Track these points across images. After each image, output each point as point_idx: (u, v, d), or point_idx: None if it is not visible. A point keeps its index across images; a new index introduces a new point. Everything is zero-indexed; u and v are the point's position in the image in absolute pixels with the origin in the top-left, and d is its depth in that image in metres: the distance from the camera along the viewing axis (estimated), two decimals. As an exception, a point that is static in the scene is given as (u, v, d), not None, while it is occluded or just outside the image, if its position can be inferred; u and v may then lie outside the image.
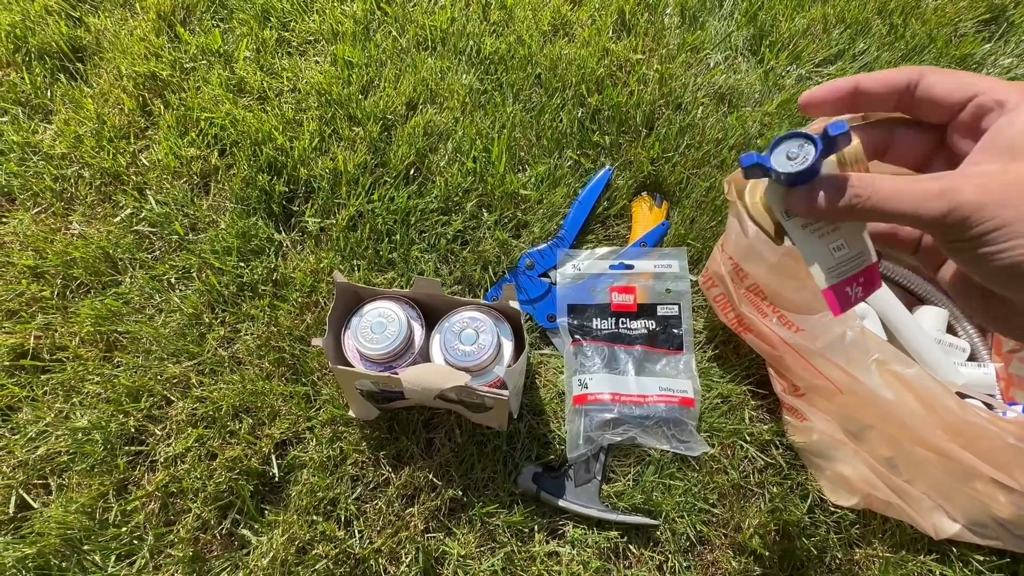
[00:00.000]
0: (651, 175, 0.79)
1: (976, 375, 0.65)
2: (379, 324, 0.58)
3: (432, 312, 0.62)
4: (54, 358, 0.69)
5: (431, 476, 0.64)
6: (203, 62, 0.86)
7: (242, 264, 0.73)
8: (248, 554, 0.61)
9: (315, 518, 0.62)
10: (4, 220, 0.76)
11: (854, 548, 0.63)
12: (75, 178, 0.78)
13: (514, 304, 0.58)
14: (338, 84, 0.83)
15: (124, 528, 0.61)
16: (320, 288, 0.72)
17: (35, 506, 0.62)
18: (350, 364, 0.59)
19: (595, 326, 0.72)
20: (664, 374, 0.70)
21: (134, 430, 0.65)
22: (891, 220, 0.28)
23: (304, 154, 0.78)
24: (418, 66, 0.85)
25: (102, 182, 0.78)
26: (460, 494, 0.63)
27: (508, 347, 0.60)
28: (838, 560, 0.62)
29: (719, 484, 0.65)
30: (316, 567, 0.60)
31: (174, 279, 0.73)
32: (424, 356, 0.60)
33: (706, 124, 0.82)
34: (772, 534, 0.62)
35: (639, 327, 0.72)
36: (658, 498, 0.64)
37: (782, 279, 0.57)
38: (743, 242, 0.58)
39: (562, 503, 0.63)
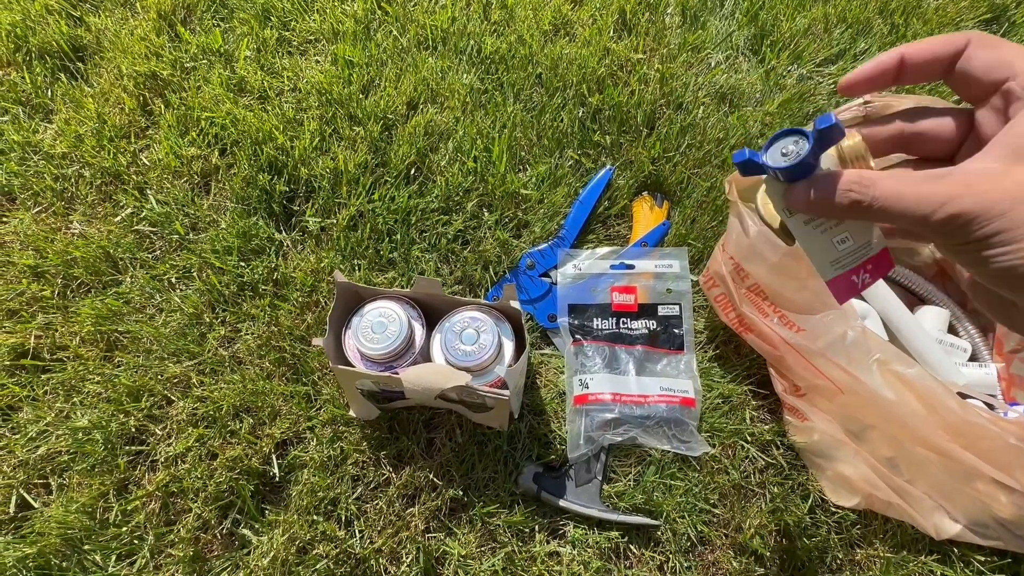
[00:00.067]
0: (652, 175, 0.79)
1: (977, 375, 0.65)
2: (380, 324, 0.58)
3: (433, 312, 0.62)
4: (54, 358, 0.69)
5: (432, 476, 0.64)
6: (203, 61, 0.86)
7: (243, 264, 0.73)
8: (248, 554, 0.61)
9: (316, 518, 0.62)
10: (4, 219, 0.76)
11: (855, 548, 0.63)
12: (76, 177, 0.78)
13: (515, 304, 0.58)
14: (339, 83, 0.83)
15: (124, 528, 0.61)
16: (321, 288, 0.72)
17: (35, 506, 0.62)
18: (351, 364, 0.59)
19: (596, 326, 0.72)
20: (665, 374, 0.70)
21: (135, 430, 0.65)
22: (890, 221, 0.27)
23: (305, 154, 0.78)
24: (419, 65, 0.85)
25: (103, 182, 0.78)
26: (461, 494, 0.63)
27: (509, 347, 0.60)
28: (839, 560, 0.62)
29: (720, 484, 0.64)
30: (317, 567, 0.60)
31: (175, 279, 0.73)
32: (425, 356, 0.60)
33: (707, 124, 0.82)
34: (773, 534, 0.62)
35: (640, 327, 0.72)
36: (659, 498, 0.64)
37: (783, 279, 0.57)
38: (744, 242, 0.58)
39: (563, 503, 0.63)
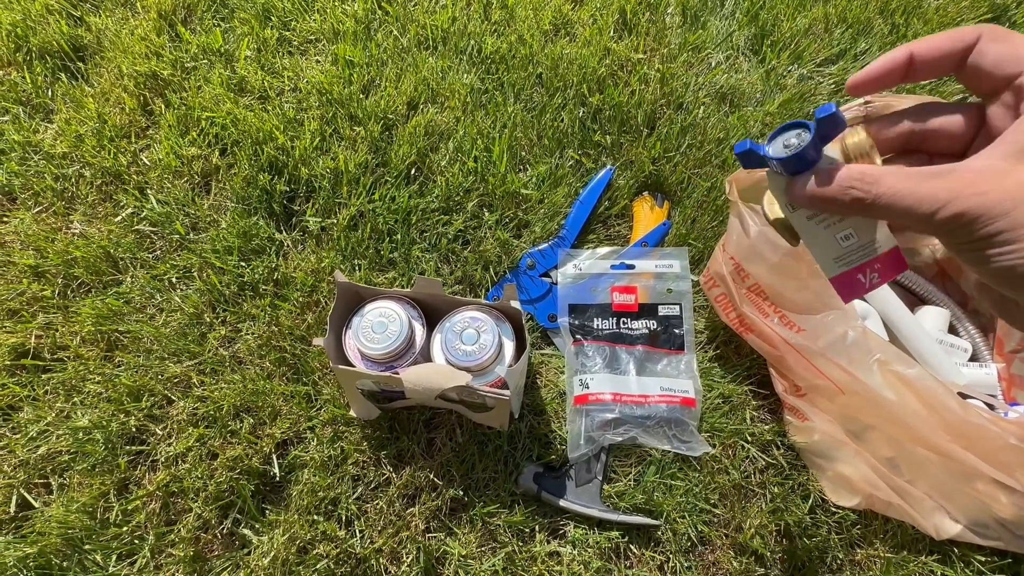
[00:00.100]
0: (652, 175, 0.79)
1: (978, 375, 0.65)
2: (380, 324, 0.58)
3: (433, 312, 0.62)
4: (55, 357, 0.69)
5: (432, 476, 0.64)
6: (204, 61, 0.86)
7: (243, 264, 0.73)
8: (249, 554, 0.61)
9: (316, 518, 0.62)
10: (5, 219, 0.76)
11: (855, 548, 0.63)
12: (76, 177, 0.78)
13: (515, 304, 0.58)
14: (339, 83, 0.83)
15: (125, 528, 0.61)
16: (321, 288, 0.72)
17: (36, 505, 0.62)
18: (351, 364, 0.59)
19: (596, 326, 0.72)
20: (665, 374, 0.70)
21: (135, 429, 0.65)
22: (893, 218, 0.27)
23: (305, 153, 0.78)
24: (419, 65, 0.85)
25: (103, 181, 0.78)
26: (461, 494, 0.63)
27: (509, 347, 0.60)
28: (839, 560, 0.62)
29: (720, 484, 0.64)
30: (317, 567, 0.60)
31: (175, 278, 0.73)
32: (425, 356, 0.60)
33: (707, 124, 0.82)
34: (773, 534, 0.62)
35: (640, 327, 0.72)
36: (659, 498, 0.64)
37: (783, 279, 0.57)
38: (745, 242, 0.58)
39: (563, 503, 0.63)
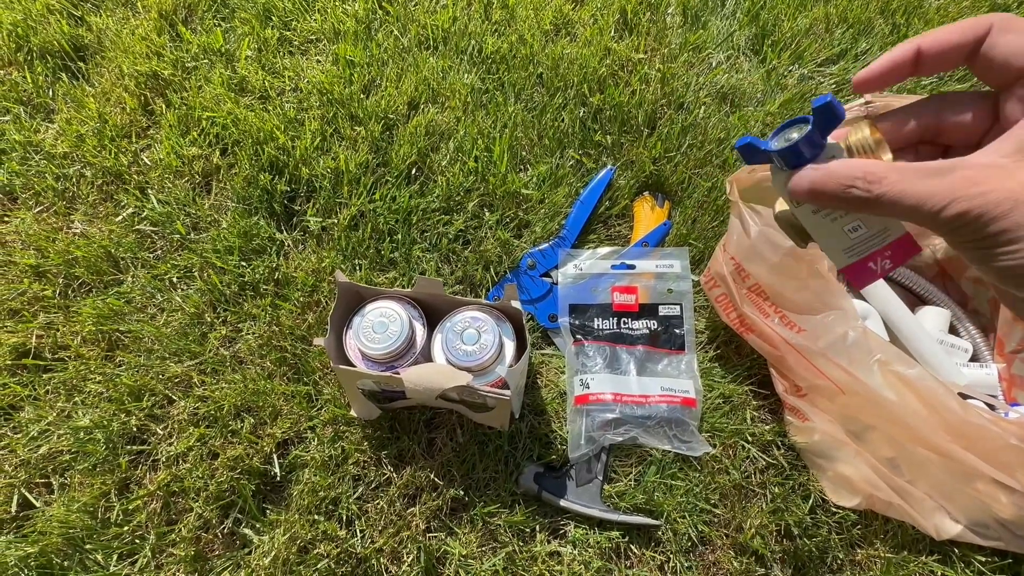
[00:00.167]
0: (653, 175, 0.79)
1: (978, 376, 0.65)
2: (381, 324, 0.58)
3: (434, 312, 0.62)
4: (56, 357, 0.69)
5: (432, 476, 0.64)
6: (205, 61, 0.86)
7: (244, 263, 0.73)
8: (250, 553, 0.61)
9: (317, 517, 0.62)
10: (6, 219, 0.76)
11: (856, 548, 0.63)
12: (77, 177, 0.78)
13: (516, 304, 0.58)
14: (340, 83, 0.83)
15: (126, 527, 0.61)
16: (322, 288, 0.72)
17: (37, 505, 0.62)
18: (352, 364, 0.59)
19: (597, 326, 0.72)
20: (666, 374, 0.70)
21: (136, 429, 0.65)
22: (896, 216, 0.27)
23: (306, 153, 0.78)
24: (420, 65, 0.85)
25: (104, 181, 0.78)
26: (462, 494, 0.63)
27: (510, 347, 0.60)
28: (839, 560, 0.62)
29: (721, 484, 0.64)
30: (318, 566, 0.60)
31: (176, 278, 0.73)
32: (426, 356, 0.60)
33: (708, 124, 0.82)
34: (774, 534, 0.62)
35: (641, 327, 0.72)
36: (660, 498, 0.64)
37: (784, 279, 0.57)
38: (745, 242, 0.58)
39: (563, 503, 0.63)
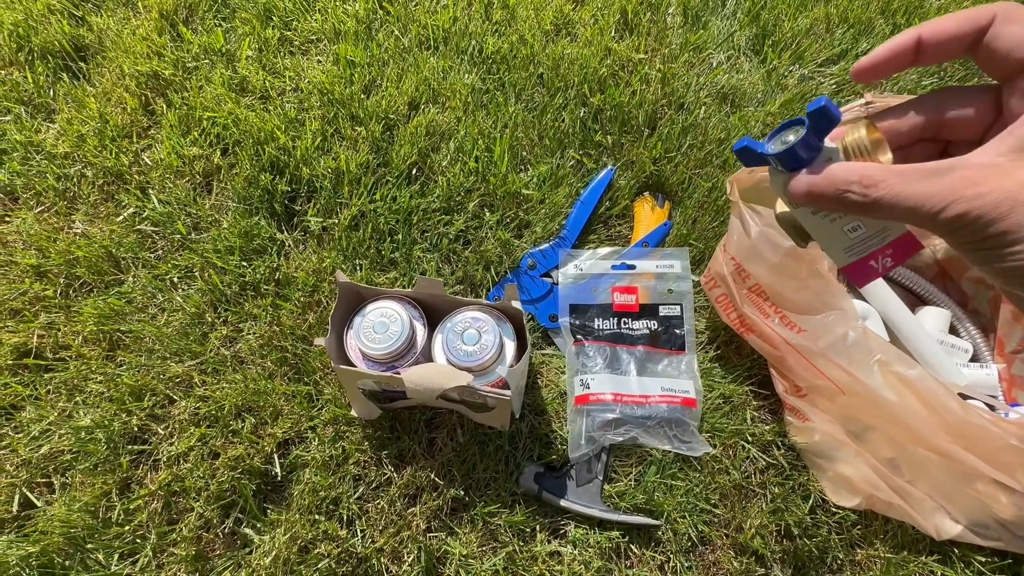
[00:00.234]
0: (653, 175, 0.79)
1: (978, 376, 0.65)
2: (381, 324, 0.58)
3: (434, 312, 0.62)
4: (57, 357, 0.69)
5: (433, 476, 0.64)
6: (205, 61, 0.86)
7: (244, 263, 0.73)
8: (250, 553, 0.61)
9: (317, 517, 0.62)
10: (7, 219, 0.76)
11: (856, 549, 0.63)
12: (78, 177, 0.78)
13: (516, 304, 0.58)
14: (340, 83, 0.83)
15: (127, 527, 0.61)
16: (322, 288, 0.72)
17: (39, 505, 0.62)
18: (352, 364, 0.59)
19: (597, 326, 0.72)
20: (666, 374, 0.70)
21: (137, 429, 0.66)
22: (895, 219, 0.27)
23: (306, 153, 0.78)
24: (420, 65, 0.85)
25: (105, 181, 0.78)
26: (462, 494, 0.63)
27: (510, 347, 0.60)
28: (839, 560, 0.62)
29: (721, 484, 0.65)
30: (318, 566, 0.60)
31: (177, 278, 0.73)
32: (426, 356, 0.60)
33: (708, 124, 0.82)
34: (774, 534, 0.62)
35: (641, 327, 0.72)
36: (660, 498, 0.64)
37: (784, 279, 0.57)
38: (745, 243, 0.58)
39: (564, 503, 0.63)
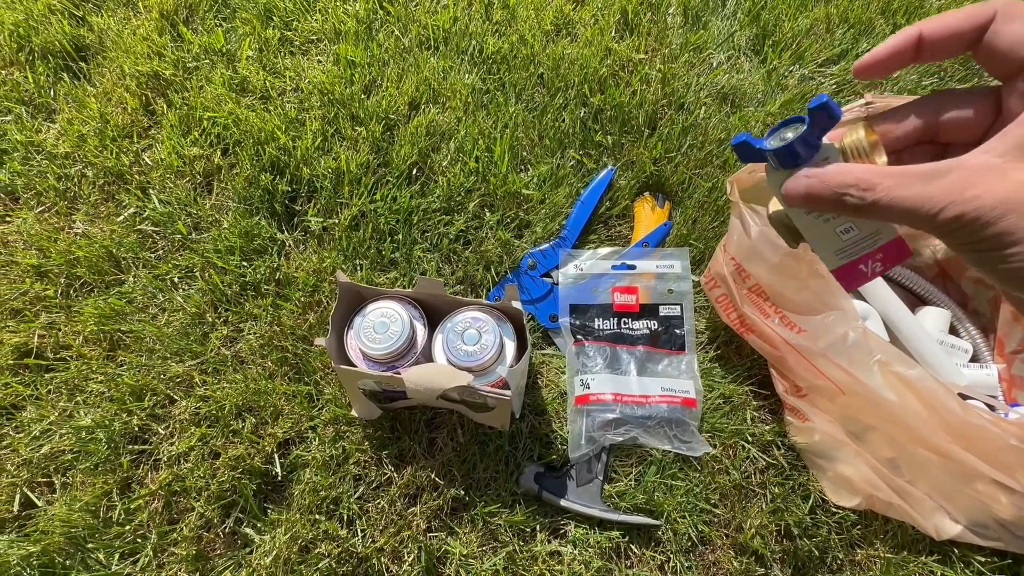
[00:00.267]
0: (653, 175, 0.79)
1: (978, 376, 0.65)
2: (382, 324, 0.58)
3: (434, 312, 0.62)
4: (58, 357, 0.69)
5: (433, 476, 0.64)
6: (206, 61, 0.86)
7: (245, 263, 0.73)
8: (251, 552, 0.61)
9: (318, 517, 0.62)
10: (8, 219, 0.76)
11: (855, 549, 0.63)
12: (78, 177, 0.78)
13: (516, 304, 0.58)
14: (340, 83, 0.83)
15: (128, 526, 0.61)
16: (323, 288, 0.72)
17: (39, 504, 0.63)
18: (353, 364, 0.59)
19: (597, 326, 0.72)
20: (666, 374, 0.70)
21: (137, 429, 0.66)
22: (892, 221, 0.27)
23: (307, 154, 0.78)
24: (420, 66, 0.85)
25: (105, 181, 0.78)
26: (462, 494, 0.63)
27: (510, 347, 0.60)
28: (839, 560, 0.62)
29: (721, 484, 0.65)
30: (319, 566, 0.60)
31: (177, 278, 0.73)
32: (427, 356, 0.60)
33: (709, 124, 0.82)
34: (774, 534, 0.62)
35: (641, 327, 0.72)
36: (660, 498, 0.64)
37: (784, 279, 0.57)
38: (745, 243, 0.58)
39: (564, 503, 0.63)
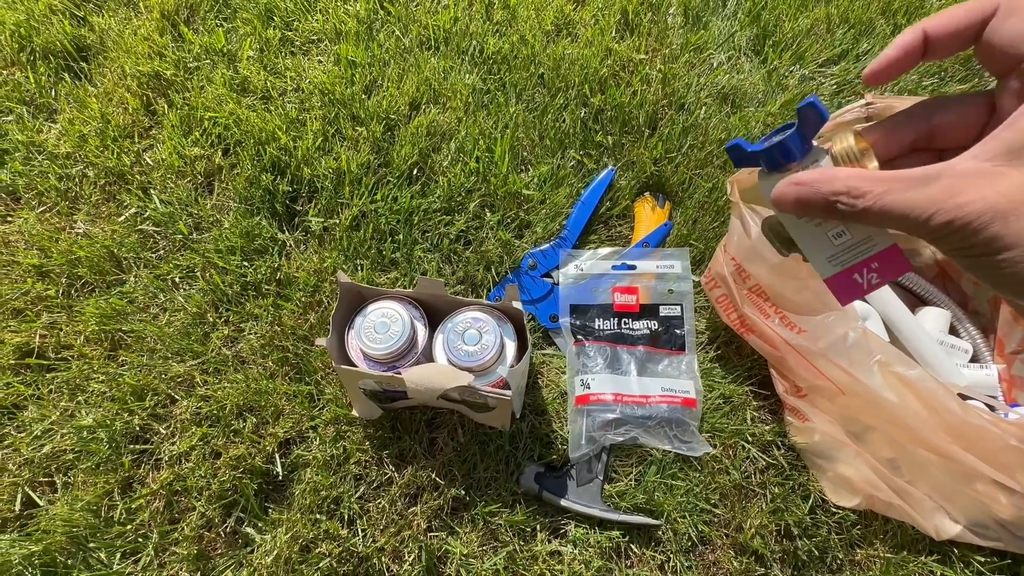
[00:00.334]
0: (654, 175, 0.79)
1: (978, 376, 0.65)
2: (382, 324, 0.58)
3: (435, 312, 0.62)
4: (59, 357, 0.69)
5: (434, 475, 0.64)
6: (207, 61, 0.86)
7: (246, 263, 0.73)
8: (252, 552, 0.61)
9: (318, 516, 0.62)
10: (9, 219, 0.76)
11: (855, 549, 0.63)
12: (80, 177, 0.78)
13: (517, 304, 0.58)
14: (341, 84, 0.83)
15: (129, 526, 0.62)
16: (324, 288, 0.72)
17: (41, 504, 0.63)
18: (353, 364, 0.59)
19: (597, 326, 0.72)
20: (666, 374, 0.70)
21: (139, 429, 0.66)
22: (885, 227, 0.26)
23: (307, 154, 0.78)
24: (421, 66, 0.85)
25: (106, 181, 0.78)
26: (463, 493, 0.63)
27: (511, 347, 0.60)
28: (839, 560, 0.62)
29: (721, 484, 0.65)
30: (319, 565, 0.60)
31: (178, 278, 0.73)
32: (427, 356, 0.60)
33: (709, 124, 0.82)
34: (774, 534, 0.63)
35: (641, 327, 0.72)
36: (660, 498, 0.64)
37: (784, 280, 0.57)
38: (746, 243, 0.58)
39: (564, 503, 0.63)
